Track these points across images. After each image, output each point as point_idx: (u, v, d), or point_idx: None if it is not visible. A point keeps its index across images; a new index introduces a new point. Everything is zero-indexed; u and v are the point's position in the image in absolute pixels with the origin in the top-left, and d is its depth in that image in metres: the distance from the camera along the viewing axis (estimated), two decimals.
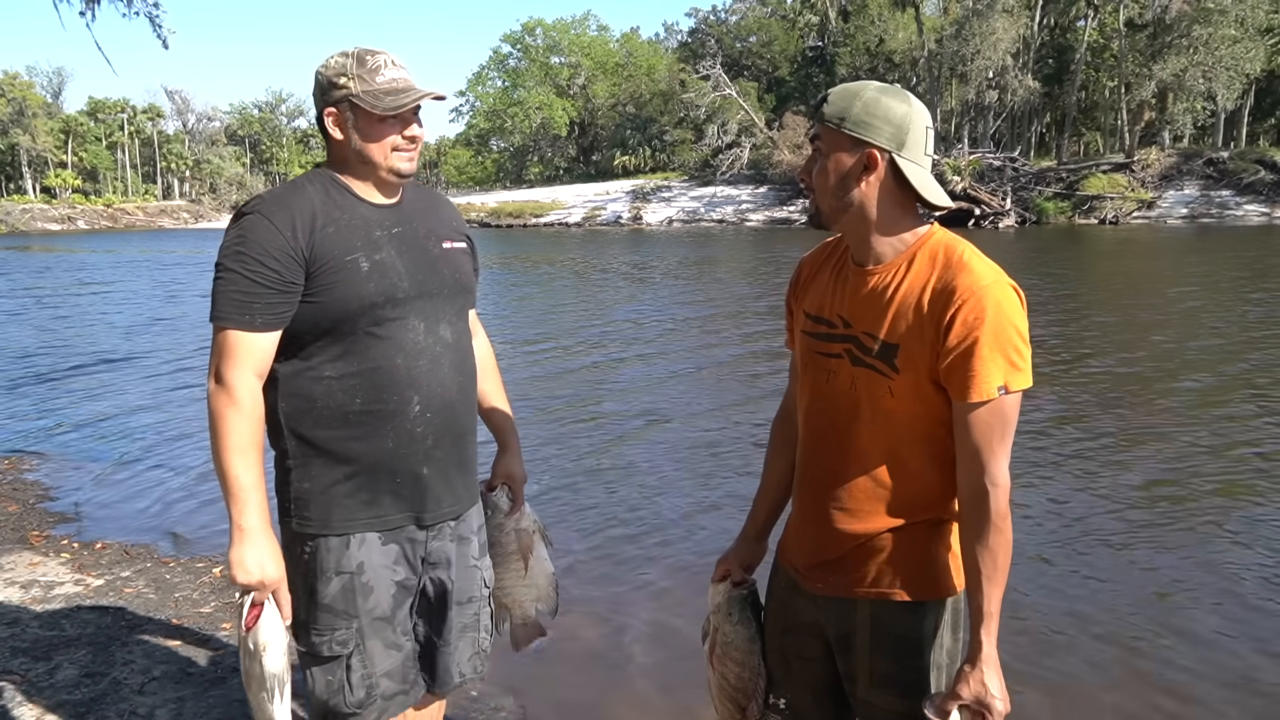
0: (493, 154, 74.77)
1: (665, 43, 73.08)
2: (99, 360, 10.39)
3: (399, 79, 1.77)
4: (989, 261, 1.51)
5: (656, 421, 7.03)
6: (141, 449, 6.51)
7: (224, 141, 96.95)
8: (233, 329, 1.69)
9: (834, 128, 1.52)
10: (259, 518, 1.68)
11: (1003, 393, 1.44)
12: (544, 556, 2.19)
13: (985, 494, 1.47)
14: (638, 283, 18.96)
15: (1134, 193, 39.27)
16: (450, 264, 1.91)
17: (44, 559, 4.28)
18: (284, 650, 1.69)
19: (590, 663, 3.39)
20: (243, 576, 1.67)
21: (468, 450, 1.95)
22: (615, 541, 4.59)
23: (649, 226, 47.30)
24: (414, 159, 1.83)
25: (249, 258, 1.69)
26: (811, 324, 1.67)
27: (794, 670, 1.78)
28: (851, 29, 57.33)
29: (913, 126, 1.51)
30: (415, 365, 1.80)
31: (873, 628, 1.62)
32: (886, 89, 1.52)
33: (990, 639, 1.48)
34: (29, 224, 61.08)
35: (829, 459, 1.63)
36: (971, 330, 1.43)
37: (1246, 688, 3.14)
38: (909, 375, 1.50)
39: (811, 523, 1.67)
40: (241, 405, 1.69)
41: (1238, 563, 4.13)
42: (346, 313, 1.74)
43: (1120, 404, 7.33)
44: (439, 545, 1.90)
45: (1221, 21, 39.32)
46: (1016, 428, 1.49)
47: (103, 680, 3.02)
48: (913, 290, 1.50)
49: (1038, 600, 3.77)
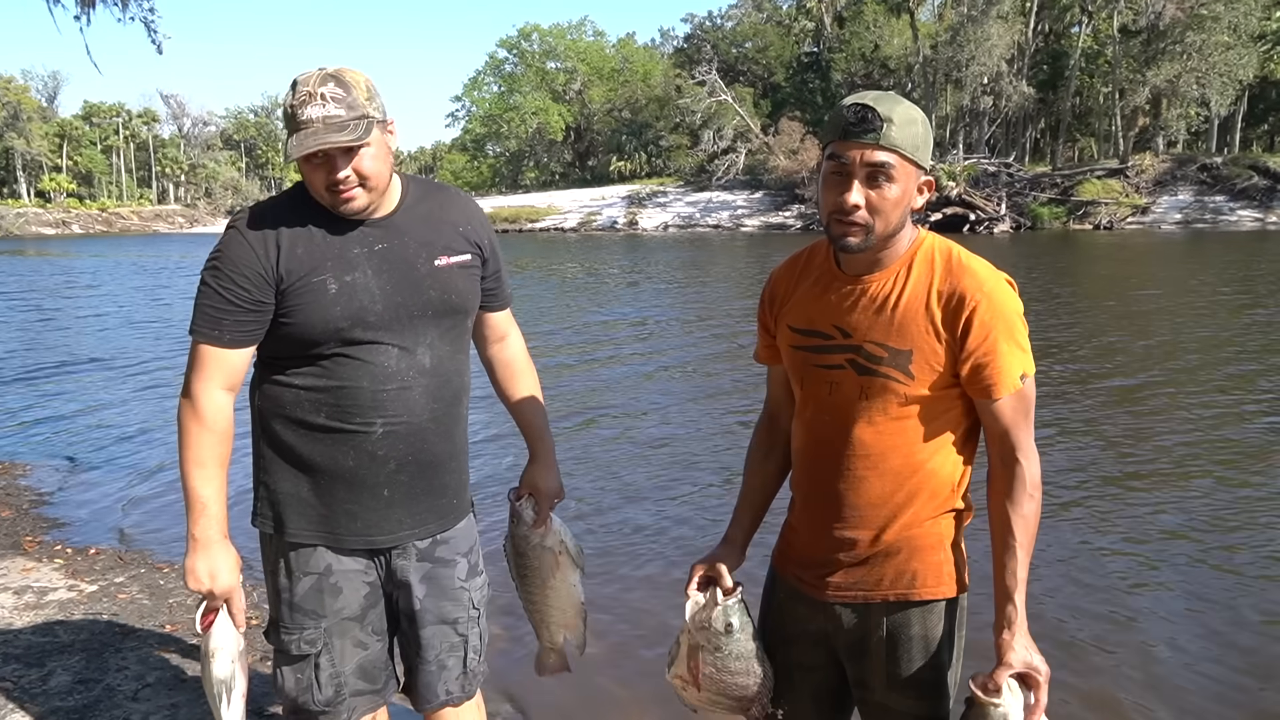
0: (488, 159, 74.74)
1: (661, 48, 73.23)
2: (94, 365, 10.37)
3: (315, 120, 1.63)
4: (981, 260, 1.56)
5: (651, 424, 7.03)
6: (136, 454, 6.49)
7: (219, 146, 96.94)
8: (204, 343, 1.71)
9: (908, 157, 1.48)
10: (214, 529, 1.72)
11: (1024, 380, 1.51)
12: (572, 582, 2.04)
13: (1018, 462, 1.52)
14: (631, 287, 18.97)
15: (1128, 198, 39.38)
16: (439, 284, 1.81)
17: (37, 565, 4.26)
18: (233, 656, 1.75)
19: (588, 666, 3.37)
20: (194, 584, 1.72)
21: (442, 476, 1.89)
22: (611, 544, 4.58)
23: (645, 232, 47.31)
24: (354, 198, 1.70)
25: (223, 274, 1.70)
26: (802, 337, 1.65)
27: (795, 680, 1.76)
28: (847, 35, 57.49)
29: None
30: (382, 390, 1.76)
31: (890, 629, 1.63)
32: (921, 114, 1.51)
33: (1022, 605, 1.50)
34: (23, 228, 60.96)
35: (837, 467, 1.62)
36: (989, 330, 1.48)
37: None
38: (923, 379, 1.52)
39: (821, 531, 1.66)
40: (204, 419, 1.71)
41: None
42: (313, 335, 1.72)
43: (1116, 407, 7.35)
44: (402, 564, 1.89)
45: (1215, 28, 39.53)
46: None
47: (96, 687, 3.00)
48: (917, 296, 1.53)
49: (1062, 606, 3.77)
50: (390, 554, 1.88)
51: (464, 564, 1.96)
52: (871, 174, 1.47)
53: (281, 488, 1.81)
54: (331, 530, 1.81)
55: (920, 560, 1.60)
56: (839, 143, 1.48)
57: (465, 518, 1.98)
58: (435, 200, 1.89)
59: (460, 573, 1.95)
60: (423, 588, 1.90)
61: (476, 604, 1.99)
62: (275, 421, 1.79)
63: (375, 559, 1.87)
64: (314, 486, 1.80)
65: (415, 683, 1.97)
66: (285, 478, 1.81)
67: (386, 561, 1.88)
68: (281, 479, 1.81)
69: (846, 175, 1.48)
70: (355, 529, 1.82)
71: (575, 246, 36.22)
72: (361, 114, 1.67)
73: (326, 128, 1.64)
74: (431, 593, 1.91)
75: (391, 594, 1.92)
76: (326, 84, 1.66)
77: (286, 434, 1.79)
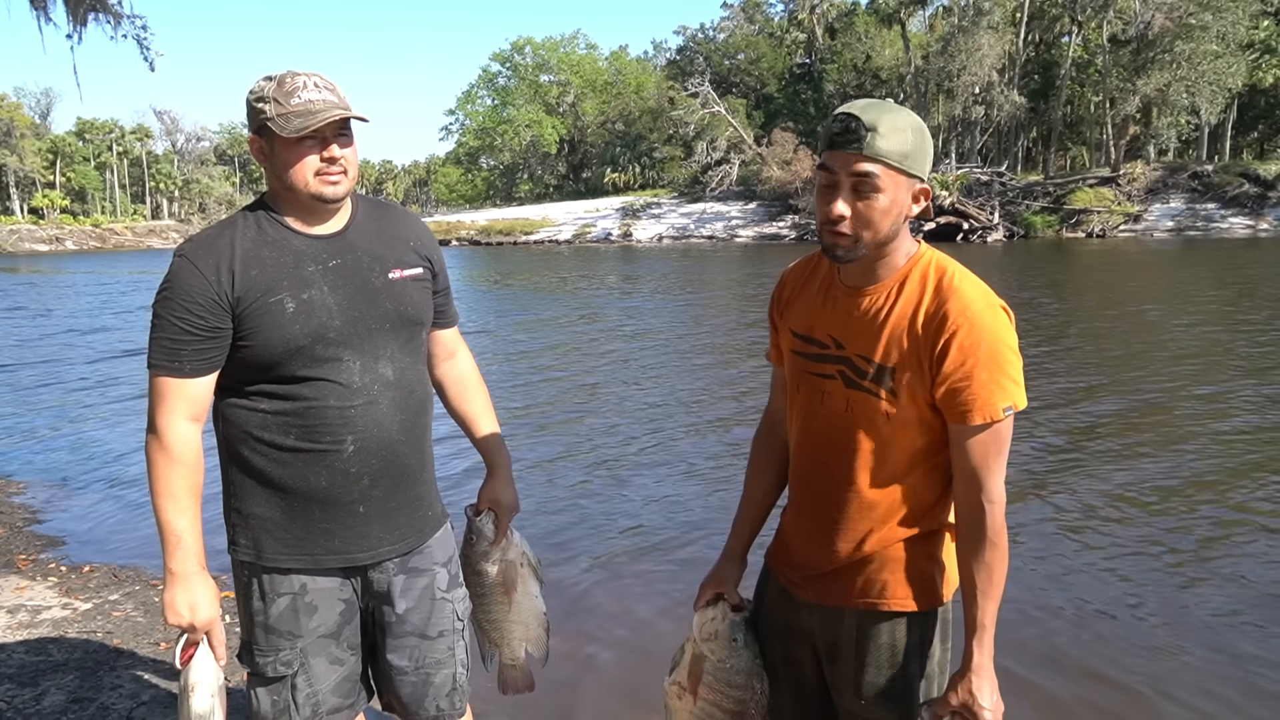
0: (482, 172, 74.97)
1: (654, 60, 73.69)
2: (86, 383, 10.33)
3: (315, 100, 1.66)
4: (978, 282, 1.52)
5: (637, 432, 7.02)
6: (130, 471, 6.45)
7: (213, 161, 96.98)
8: (164, 375, 1.69)
9: (895, 166, 1.44)
10: (192, 561, 1.70)
11: (1008, 413, 1.46)
12: (534, 593, 2.07)
13: (982, 511, 1.50)
14: (626, 295, 18.98)
15: (1120, 206, 39.60)
16: (395, 296, 1.81)
17: (31, 583, 4.23)
18: (213, 691, 1.73)
19: (580, 674, 3.36)
20: (173, 618, 1.71)
21: (415, 488, 1.89)
22: (600, 555, 4.56)
23: (639, 243, 47.41)
24: (339, 183, 1.72)
25: (175, 303, 1.67)
26: (802, 343, 1.66)
27: (780, 675, 1.79)
28: (839, 46, 57.86)
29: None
30: (349, 406, 1.75)
31: (859, 638, 1.65)
32: (920, 122, 1.48)
33: (983, 650, 1.52)
34: (16, 245, 60.90)
35: (824, 476, 1.64)
36: (967, 356, 1.45)
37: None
38: (906, 398, 1.51)
39: (807, 537, 1.69)
40: (172, 452, 1.69)
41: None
42: (274, 356, 1.70)
43: (1115, 411, 7.36)
44: (380, 577, 1.88)
45: (1203, 37, 39.85)
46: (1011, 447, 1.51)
47: (90, 706, 2.98)
48: (905, 314, 1.51)
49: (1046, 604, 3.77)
50: (367, 570, 1.86)
51: (444, 574, 1.95)
52: (857, 184, 1.45)
53: (255, 512, 1.79)
54: (310, 552, 1.80)
55: (892, 572, 1.61)
56: (827, 152, 1.48)
57: (442, 527, 1.98)
58: (384, 216, 1.90)
59: (441, 583, 1.94)
60: (403, 601, 1.89)
61: (460, 615, 1.99)
62: (243, 446, 1.77)
63: (351, 576, 1.85)
64: (287, 509, 1.78)
65: (401, 697, 1.94)
66: (258, 502, 1.79)
67: (363, 577, 1.87)
68: (254, 504, 1.79)
69: (834, 185, 1.46)
70: (333, 548, 1.80)
71: (570, 259, 36.22)
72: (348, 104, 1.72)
73: (327, 107, 1.67)
74: (413, 605, 1.90)
75: (369, 607, 1.90)
76: (313, 75, 1.70)
77: (255, 458, 1.76)
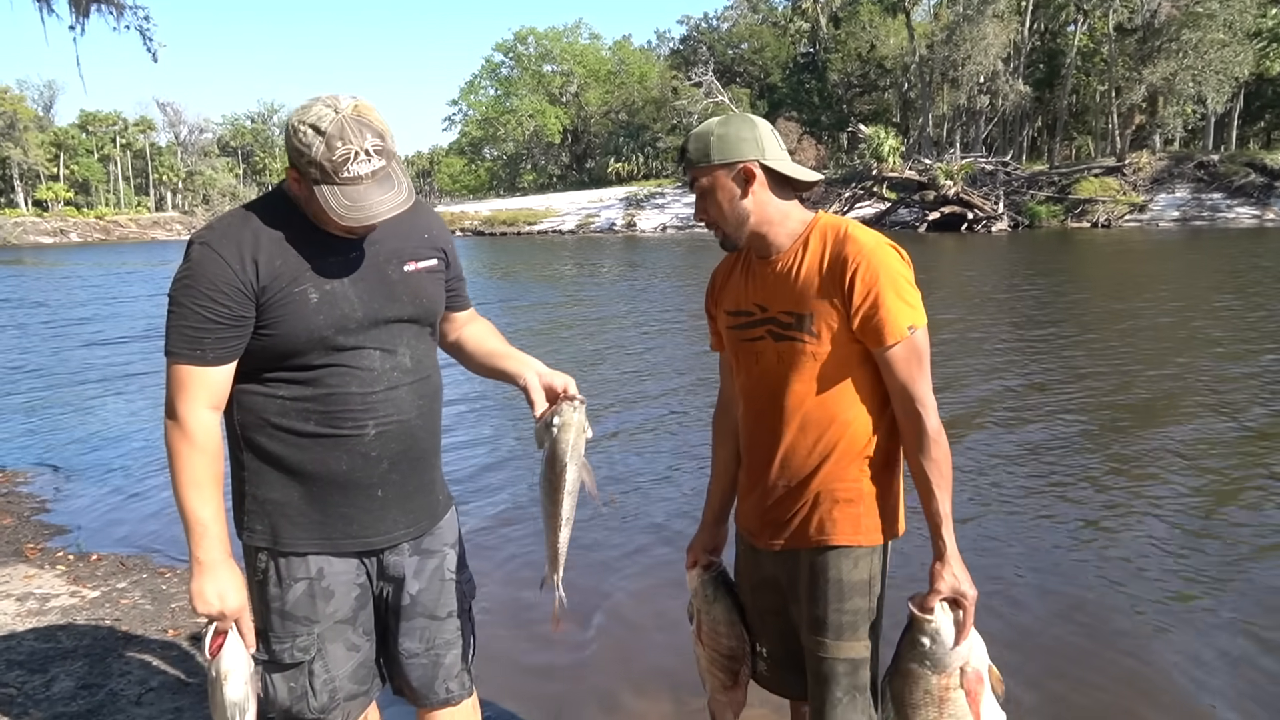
0: (486, 162, 74.88)
1: (657, 50, 73.30)
2: (92, 373, 10.36)
3: (364, 178, 1.62)
4: (869, 230, 1.79)
5: (635, 417, 7.02)
6: (136, 460, 6.49)
7: (216, 153, 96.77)
8: (185, 364, 1.69)
9: (706, 166, 1.77)
10: (218, 550, 1.70)
11: (912, 331, 1.70)
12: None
13: (918, 415, 1.73)
14: (629, 283, 18.96)
15: (1125, 196, 39.39)
16: (411, 289, 1.84)
17: (39, 571, 4.26)
18: (245, 679, 1.73)
19: (580, 666, 3.38)
20: (203, 608, 1.71)
21: (430, 472, 1.93)
22: (598, 538, 4.58)
23: (643, 233, 47.31)
24: (366, 233, 1.76)
25: (198, 292, 1.66)
26: (732, 318, 1.91)
27: (767, 623, 2.02)
28: (843, 35, 57.55)
29: (763, 134, 1.77)
30: (371, 392, 1.78)
31: (810, 574, 1.84)
32: (724, 120, 1.78)
33: (950, 537, 1.72)
34: (20, 237, 60.98)
35: (766, 429, 1.85)
36: (870, 287, 1.69)
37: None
38: (827, 336, 1.75)
39: (759, 488, 1.90)
40: (195, 440, 1.69)
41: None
42: (297, 344, 1.72)
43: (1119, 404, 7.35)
44: (395, 560, 1.89)
45: (1210, 26, 39.55)
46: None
47: (100, 692, 3.00)
48: (813, 265, 1.77)
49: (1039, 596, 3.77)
50: (383, 553, 1.88)
51: (453, 555, 1.98)
52: (699, 193, 1.81)
53: (272, 497, 1.80)
54: (328, 536, 1.81)
55: (840, 510, 1.81)
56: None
57: (450, 510, 2.01)
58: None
59: (450, 564, 1.97)
60: (416, 582, 1.91)
61: (468, 595, 2.02)
62: (259, 432, 1.77)
63: (366, 560, 1.87)
64: (306, 493, 1.79)
65: (411, 680, 1.96)
66: (275, 487, 1.79)
67: (379, 561, 1.88)
68: (271, 489, 1.79)
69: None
70: (351, 532, 1.82)
71: (574, 248, 36.20)
72: (400, 165, 1.69)
73: (376, 205, 1.64)
74: (424, 586, 1.92)
75: (382, 591, 1.92)
76: (365, 137, 1.62)
77: (273, 444, 1.77)
